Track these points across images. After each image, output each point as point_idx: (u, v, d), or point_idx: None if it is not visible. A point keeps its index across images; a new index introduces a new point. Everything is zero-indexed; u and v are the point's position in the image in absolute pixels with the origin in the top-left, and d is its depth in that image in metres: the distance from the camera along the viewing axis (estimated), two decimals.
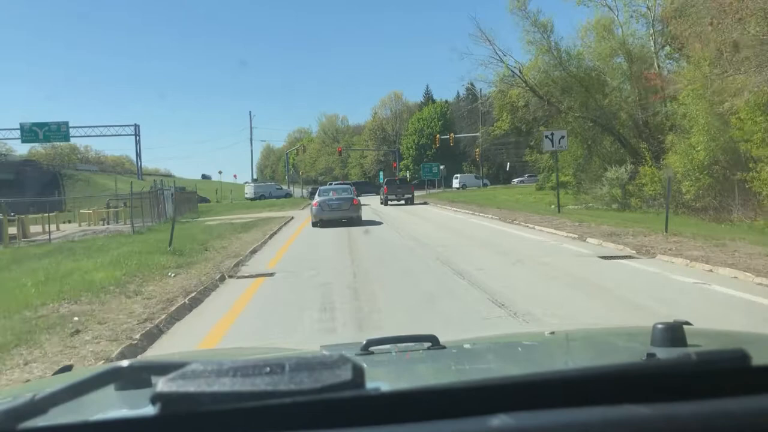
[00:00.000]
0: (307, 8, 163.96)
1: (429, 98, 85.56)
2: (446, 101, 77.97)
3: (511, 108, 38.52)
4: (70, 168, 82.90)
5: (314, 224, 18.82)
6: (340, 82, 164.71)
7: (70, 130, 59.69)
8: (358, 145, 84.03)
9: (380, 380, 1.17)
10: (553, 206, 23.17)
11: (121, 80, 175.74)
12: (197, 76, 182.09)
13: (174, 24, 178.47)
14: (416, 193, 43.00)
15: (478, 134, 58.13)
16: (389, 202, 34.03)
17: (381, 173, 70.34)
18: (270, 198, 51.23)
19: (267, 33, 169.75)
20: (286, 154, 64.82)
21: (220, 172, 66.43)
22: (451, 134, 57.50)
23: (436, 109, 75.14)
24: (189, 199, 36.46)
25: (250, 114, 66.00)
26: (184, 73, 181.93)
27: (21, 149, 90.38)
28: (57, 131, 64.32)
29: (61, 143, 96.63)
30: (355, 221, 18.83)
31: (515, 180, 68.95)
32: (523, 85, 29.54)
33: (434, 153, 73.26)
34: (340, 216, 18.91)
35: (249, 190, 58.67)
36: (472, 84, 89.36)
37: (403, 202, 34.24)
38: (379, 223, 19.09)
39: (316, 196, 20.58)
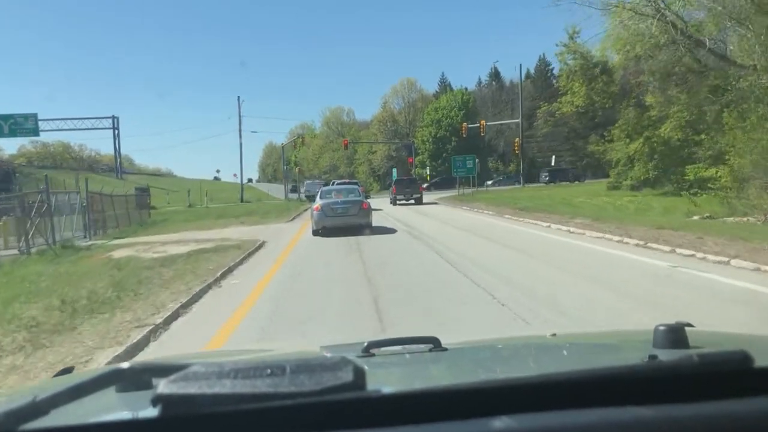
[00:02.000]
0: (307, 4, 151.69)
1: (445, 87, 73.46)
2: (466, 89, 65.85)
3: (589, 77, 28.00)
4: (56, 168, 79.51)
5: (315, 232, 16.36)
6: (346, 79, 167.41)
7: (41, 123, 48.49)
8: (365, 139, 71.20)
9: (381, 382, 1.19)
10: (704, 217, 16.29)
11: (121, 81, 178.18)
12: (197, 75, 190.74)
13: (173, 22, 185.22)
14: (446, 194, 42.73)
15: (517, 120, 45.37)
16: (398, 202, 34.92)
17: (394, 170, 63.47)
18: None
19: (268, 30, 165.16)
20: (282, 147, 52.58)
21: (218, 171, 56.88)
22: (482, 121, 44.80)
23: (456, 98, 66.82)
24: (140, 204, 31.13)
25: (238, 99, 53.54)
26: (184, 72, 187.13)
27: (9, 148, 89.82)
28: (24, 124, 56.12)
29: (54, 142, 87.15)
30: (364, 229, 16.23)
31: (547, 177, 60.97)
32: (654, 14, 19.08)
33: (455, 146, 66.05)
34: (347, 222, 16.21)
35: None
36: (496, 68, 77.37)
37: (413, 201, 34.83)
38: (419, 249, 12.77)
39: (317, 198, 17.56)
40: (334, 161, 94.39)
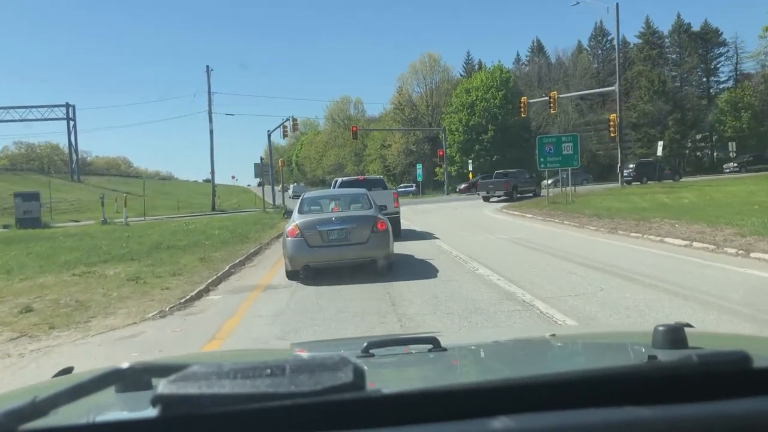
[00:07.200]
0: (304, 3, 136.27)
1: (472, 68, 57.27)
2: (502, 66, 50.06)
3: None
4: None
5: (290, 275, 9.70)
6: (353, 73, 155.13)
7: None
8: (378, 133, 54.86)
9: (381, 382, 1.17)
10: None
11: (119, 83, 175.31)
12: (195, 77, 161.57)
13: (170, 23, 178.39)
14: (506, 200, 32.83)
15: (613, 88, 29.05)
16: (490, 199, 31.91)
17: (419, 166, 52.00)
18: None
19: (266, 23, 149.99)
20: (268, 134, 37.17)
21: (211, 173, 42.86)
22: (553, 93, 28.85)
23: (493, 76, 49.33)
24: (22, 219, 25.08)
25: (207, 69, 36.38)
26: (182, 74, 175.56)
27: None
28: None
29: (41, 143, 73.99)
30: (382, 272, 9.41)
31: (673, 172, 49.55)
32: None
33: (492, 137, 53.06)
34: (346, 257, 9.37)
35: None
36: (540, 41, 61.62)
37: (504, 198, 30.47)
38: None
39: (295, 212, 10.54)
40: (341, 158, 78.62)
